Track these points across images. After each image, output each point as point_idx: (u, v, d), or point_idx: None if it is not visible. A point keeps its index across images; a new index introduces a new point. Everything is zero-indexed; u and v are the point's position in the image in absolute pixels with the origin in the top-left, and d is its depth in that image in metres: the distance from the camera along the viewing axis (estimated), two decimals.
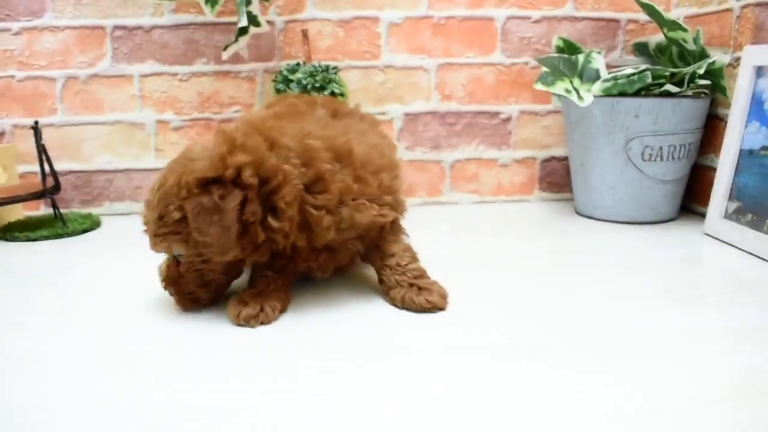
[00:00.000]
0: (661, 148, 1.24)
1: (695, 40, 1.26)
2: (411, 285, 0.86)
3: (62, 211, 1.37)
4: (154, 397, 0.62)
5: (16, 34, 1.39)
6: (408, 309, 0.85)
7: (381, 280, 0.89)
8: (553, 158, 1.52)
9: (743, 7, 1.23)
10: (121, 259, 1.11)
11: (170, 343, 0.76)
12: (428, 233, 0.77)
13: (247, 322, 0.80)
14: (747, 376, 0.66)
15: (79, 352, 0.73)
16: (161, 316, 0.84)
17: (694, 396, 0.62)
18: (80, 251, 1.17)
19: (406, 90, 1.45)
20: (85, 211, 1.44)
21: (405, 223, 0.93)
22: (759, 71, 1.15)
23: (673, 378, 0.66)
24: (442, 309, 0.85)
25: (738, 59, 1.22)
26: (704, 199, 1.32)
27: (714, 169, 1.23)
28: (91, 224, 1.32)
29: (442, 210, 1.46)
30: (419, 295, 0.84)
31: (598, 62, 1.31)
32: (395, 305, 0.86)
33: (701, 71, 1.19)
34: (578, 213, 1.40)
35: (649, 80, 1.19)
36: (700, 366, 0.69)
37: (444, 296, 0.86)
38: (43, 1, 1.37)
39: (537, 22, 1.46)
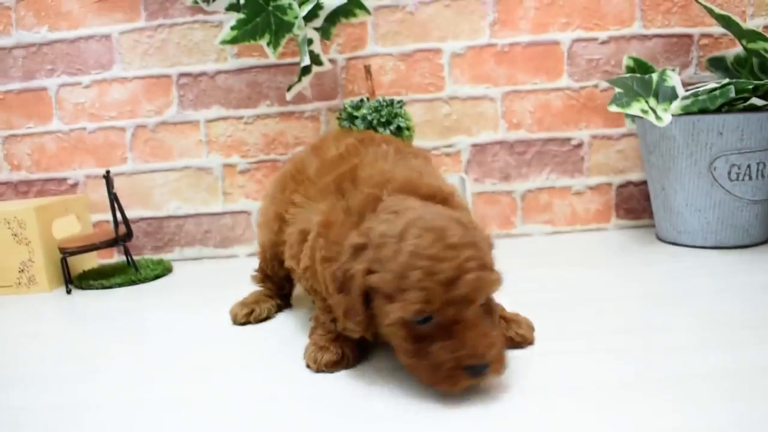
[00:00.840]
0: (749, 166, 1.17)
1: None
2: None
3: (135, 257, 1.38)
4: None
5: (87, 87, 1.42)
6: None
7: None
8: (629, 183, 1.45)
9: None
10: (193, 303, 1.10)
11: (243, 388, 0.73)
12: (502, 268, 0.74)
13: (329, 368, 0.76)
14: None
15: (152, 399, 0.71)
16: (234, 361, 0.82)
17: None
18: (153, 297, 1.17)
19: (472, 120, 1.42)
20: (156, 257, 1.45)
21: None
22: None
23: None
24: (531, 343, 0.79)
25: None
26: None
27: None
28: (162, 270, 1.33)
29: (514, 243, 1.40)
30: (508, 329, 0.78)
31: (674, 80, 1.25)
32: None
33: None
34: (660, 239, 1.32)
35: (733, 95, 1.12)
36: None
37: (532, 328, 0.81)
38: (112, 53, 1.41)
39: (604, 43, 1.41)
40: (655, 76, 1.26)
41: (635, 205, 1.46)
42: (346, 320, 0.70)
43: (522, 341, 0.79)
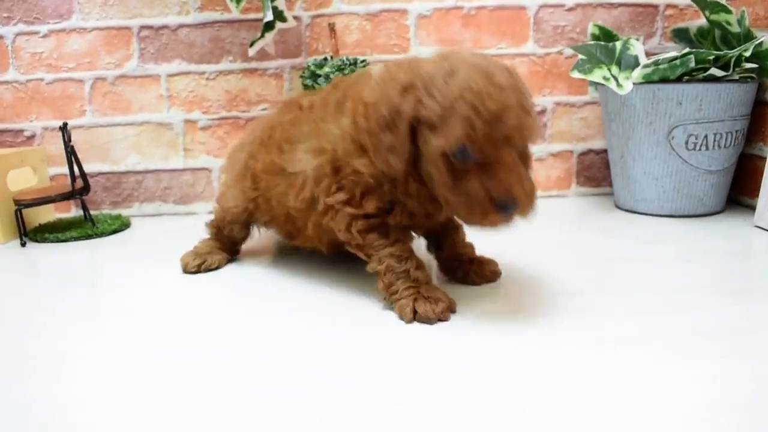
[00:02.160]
0: (706, 136, 1.18)
1: (740, 22, 1.20)
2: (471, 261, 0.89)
3: (92, 212, 1.37)
4: (183, 395, 0.60)
5: (45, 36, 1.38)
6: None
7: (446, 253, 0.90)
8: (590, 151, 1.47)
9: None
10: (151, 258, 1.09)
11: (198, 341, 0.73)
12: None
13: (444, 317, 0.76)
14: None
15: (107, 352, 0.71)
16: (191, 314, 0.82)
17: (756, 392, 0.57)
18: (110, 252, 1.16)
19: None
20: (114, 212, 1.43)
21: None
22: None
23: (734, 374, 0.61)
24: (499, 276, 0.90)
25: None
26: (753, 190, 1.26)
27: (763, 159, 1.16)
28: (120, 225, 1.31)
29: None
30: (482, 269, 0.89)
31: (637, 49, 1.25)
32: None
33: (747, 54, 1.13)
34: (618, 207, 1.34)
35: (693, 64, 1.13)
36: (762, 362, 0.63)
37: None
38: (71, 3, 1.37)
39: (571, 9, 1.41)
40: (618, 45, 1.26)
41: (596, 173, 1.48)
42: (391, 157, 0.71)
43: (495, 276, 0.89)
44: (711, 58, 1.15)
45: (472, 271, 0.88)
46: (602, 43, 1.27)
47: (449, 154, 0.68)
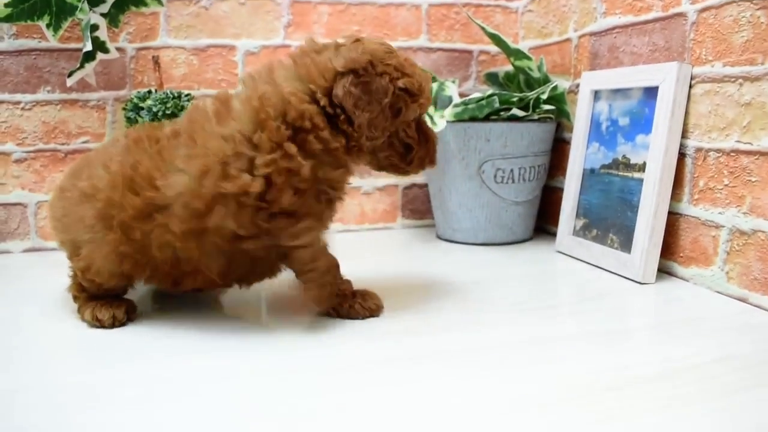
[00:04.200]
0: (512, 170, 1.29)
1: (539, 68, 1.33)
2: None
3: None
4: None
5: None
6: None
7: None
8: (414, 185, 1.55)
9: (580, 37, 1.32)
10: None
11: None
12: None
13: None
14: (594, 374, 0.68)
15: None
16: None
17: (546, 393, 0.63)
18: None
19: None
20: None
21: None
22: (596, 95, 1.22)
23: (540, 377, 0.67)
24: (381, 311, 0.91)
25: (578, 85, 1.29)
26: (555, 219, 1.38)
27: (563, 190, 1.29)
28: None
29: None
30: (364, 302, 0.90)
31: (451, 90, 1.35)
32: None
33: (545, 96, 1.25)
34: (439, 237, 1.42)
35: (497, 105, 1.24)
36: (553, 367, 0.70)
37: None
38: None
39: None
40: (435, 86, 1.35)
41: (419, 205, 1.56)
42: (372, 131, 0.80)
43: (375, 311, 0.89)
44: (514, 99, 1.26)
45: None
46: None
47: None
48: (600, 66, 1.26)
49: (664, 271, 1.07)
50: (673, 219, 1.05)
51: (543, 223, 1.46)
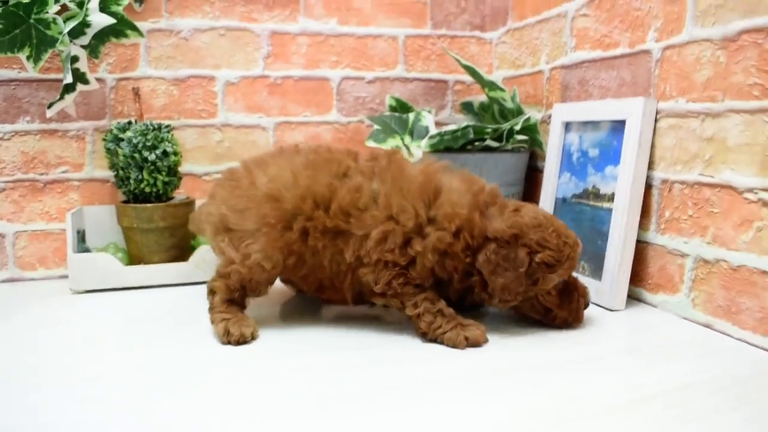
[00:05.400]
0: None
1: (513, 99, 1.37)
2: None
3: None
4: None
5: None
6: None
7: None
8: None
9: (551, 69, 1.36)
10: None
11: None
12: None
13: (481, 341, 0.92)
14: (567, 402, 0.71)
15: None
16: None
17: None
18: None
19: (245, 148, 1.45)
20: None
21: None
22: (567, 126, 1.26)
23: (500, 407, 0.69)
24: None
25: (550, 115, 1.33)
26: None
27: None
28: None
29: None
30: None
31: (428, 120, 1.38)
32: None
33: (518, 127, 1.29)
34: None
35: (472, 136, 1.27)
36: (526, 395, 0.73)
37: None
38: None
39: (371, 82, 1.53)
40: (411, 116, 1.39)
41: None
42: (506, 294, 0.91)
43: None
44: (488, 130, 1.30)
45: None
46: (397, 114, 1.39)
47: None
48: (571, 98, 1.30)
49: (633, 298, 1.11)
50: (641, 247, 1.09)
51: None
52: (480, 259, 0.91)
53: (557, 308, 0.96)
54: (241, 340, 0.92)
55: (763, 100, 0.87)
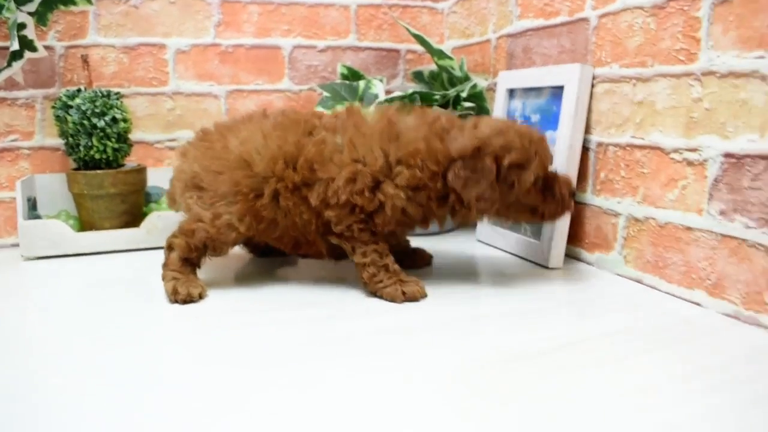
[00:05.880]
0: None
1: (461, 68, 1.40)
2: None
3: None
4: None
5: None
6: None
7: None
8: None
9: (498, 38, 1.39)
10: None
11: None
12: None
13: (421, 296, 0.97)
14: (507, 348, 0.75)
15: None
16: None
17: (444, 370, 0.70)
18: None
19: (196, 116, 1.46)
20: None
21: None
22: (511, 93, 1.30)
23: (452, 351, 0.73)
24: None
25: (496, 83, 1.37)
26: None
27: None
28: None
29: None
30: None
31: (378, 88, 1.40)
32: None
33: (464, 94, 1.32)
34: None
35: (419, 102, 1.30)
36: (473, 340, 0.77)
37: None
38: None
39: (322, 51, 1.55)
40: (362, 84, 1.41)
41: None
42: (482, 203, 0.94)
43: (430, 259, 1.17)
44: (436, 97, 1.32)
45: (417, 258, 1.16)
46: (347, 82, 1.41)
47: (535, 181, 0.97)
48: (515, 66, 1.34)
49: (572, 257, 1.16)
50: (579, 209, 1.14)
51: None
52: (450, 178, 0.94)
53: (542, 203, 0.99)
54: (188, 299, 0.95)
55: (688, 65, 0.91)
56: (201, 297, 0.96)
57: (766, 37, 0.80)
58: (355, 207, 0.95)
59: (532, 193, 0.97)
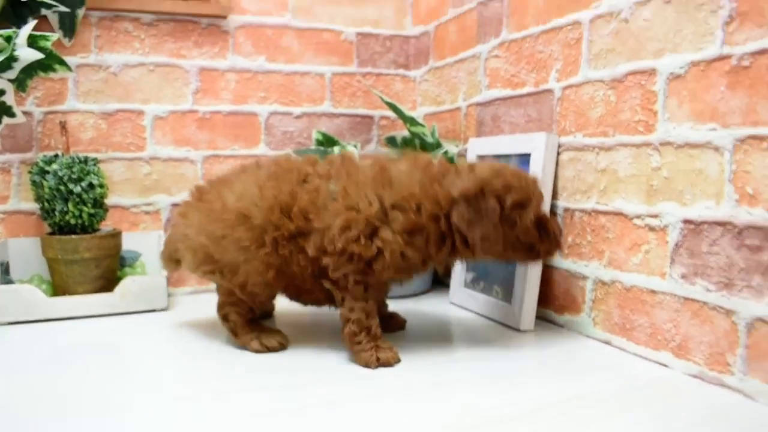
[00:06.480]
0: None
1: (432, 134, 1.44)
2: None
3: None
4: None
5: None
6: None
7: None
8: None
9: (468, 106, 1.45)
10: None
11: None
12: None
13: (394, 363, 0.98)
14: (470, 415, 0.76)
15: None
16: None
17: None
18: None
19: (173, 181, 1.48)
20: None
21: None
22: (481, 159, 1.34)
23: (420, 416, 0.74)
24: None
25: (466, 149, 1.41)
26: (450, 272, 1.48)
27: None
28: None
29: None
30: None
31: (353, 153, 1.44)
32: None
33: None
34: None
35: None
36: (440, 406, 0.78)
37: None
38: None
39: (298, 117, 1.59)
40: (336, 149, 1.44)
41: None
42: (486, 243, 0.96)
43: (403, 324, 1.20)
44: None
45: (392, 323, 1.18)
46: (322, 148, 1.45)
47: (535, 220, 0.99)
48: (485, 133, 1.38)
49: (543, 319, 1.18)
50: (548, 271, 1.17)
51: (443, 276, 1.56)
52: (454, 217, 0.95)
53: (538, 242, 1.00)
54: (280, 347, 1.05)
55: (647, 135, 0.96)
56: (283, 347, 1.06)
57: (717, 111, 0.85)
58: (353, 255, 0.95)
59: (531, 232, 0.99)
